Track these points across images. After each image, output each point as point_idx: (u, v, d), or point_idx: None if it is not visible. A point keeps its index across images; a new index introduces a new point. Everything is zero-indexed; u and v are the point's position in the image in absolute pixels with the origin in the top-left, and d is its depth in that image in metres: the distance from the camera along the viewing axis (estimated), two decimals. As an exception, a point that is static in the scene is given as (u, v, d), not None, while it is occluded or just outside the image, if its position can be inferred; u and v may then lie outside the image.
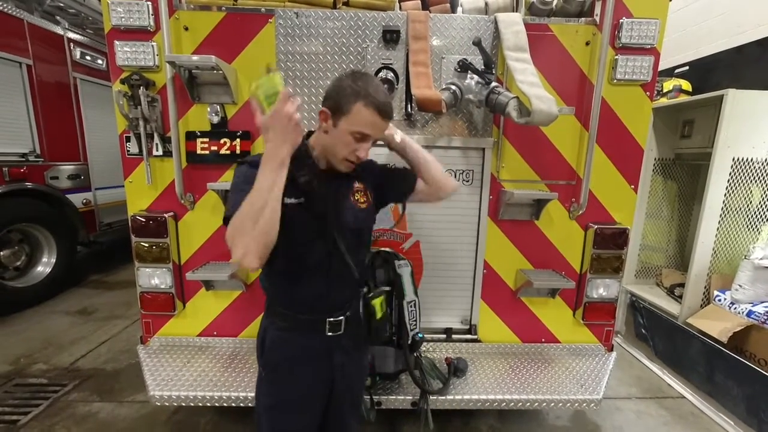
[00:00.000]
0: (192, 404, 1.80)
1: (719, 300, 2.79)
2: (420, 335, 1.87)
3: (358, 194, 1.33)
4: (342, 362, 1.30)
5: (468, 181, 2.09)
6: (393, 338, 1.86)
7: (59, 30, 4.20)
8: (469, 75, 1.91)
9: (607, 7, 1.84)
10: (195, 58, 1.77)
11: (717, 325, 2.62)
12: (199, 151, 1.97)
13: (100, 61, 4.69)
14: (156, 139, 1.95)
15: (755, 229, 2.84)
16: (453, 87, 1.88)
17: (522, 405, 1.87)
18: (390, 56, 1.94)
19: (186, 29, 1.88)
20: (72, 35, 4.35)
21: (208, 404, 1.80)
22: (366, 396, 1.81)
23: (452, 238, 2.15)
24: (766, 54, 3.29)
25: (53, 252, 4.18)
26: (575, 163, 2.07)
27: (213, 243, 2.07)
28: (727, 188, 2.73)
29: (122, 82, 1.88)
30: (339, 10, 1.94)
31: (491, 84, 1.80)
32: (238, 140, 1.97)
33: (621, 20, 1.88)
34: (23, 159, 3.80)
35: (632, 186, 2.09)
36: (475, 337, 2.23)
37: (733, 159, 2.69)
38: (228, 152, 1.97)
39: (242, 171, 1.16)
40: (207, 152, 1.97)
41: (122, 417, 2.41)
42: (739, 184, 2.74)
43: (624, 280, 3.31)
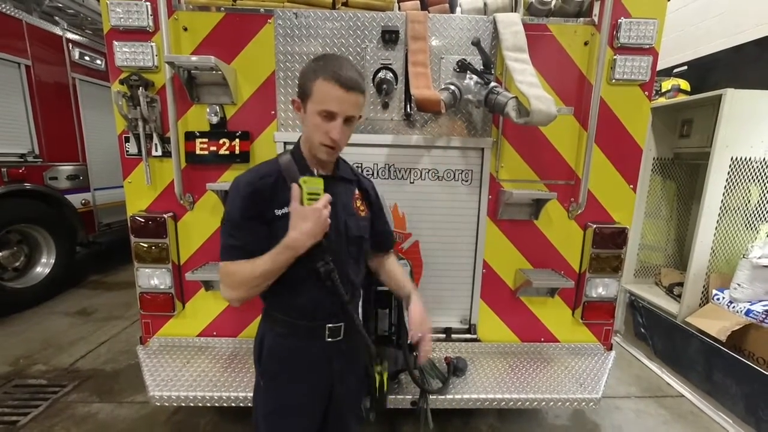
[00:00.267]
0: (192, 404, 1.80)
1: (718, 299, 2.80)
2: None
3: (359, 201, 1.32)
4: (341, 367, 1.29)
5: (467, 181, 2.10)
6: (393, 338, 1.87)
7: (58, 30, 4.19)
8: (468, 75, 1.91)
9: (606, 8, 1.85)
10: (194, 59, 1.77)
11: (716, 324, 2.63)
12: (199, 152, 1.97)
13: (99, 62, 4.68)
14: (155, 140, 1.95)
15: (753, 228, 2.85)
16: (452, 87, 1.88)
17: (521, 404, 1.87)
18: (389, 56, 1.94)
19: (185, 30, 1.88)
20: (71, 36, 4.34)
21: (208, 404, 1.80)
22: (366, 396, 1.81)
23: (451, 238, 2.15)
24: (765, 54, 3.30)
25: (52, 253, 4.18)
26: (574, 163, 2.07)
27: (212, 243, 2.07)
28: (726, 187, 2.74)
29: (121, 83, 1.88)
30: (338, 11, 1.94)
31: (490, 84, 1.80)
32: (237, 141, 1.97)
33: (619, 20, 1.89)
34: (22, 160, 3.80)
35: (631, 185, 2.09)
36: (475, 337, 2.23)
37: (732, 158, 2.70)
38: (227, 152, 1.97)
39: (236, 199, 1.14)
40: (206, 152, 1.97)
41: (122, 417, 2.41)
42: (738, 184, 2.75)
43: (623, 280, 3.32)
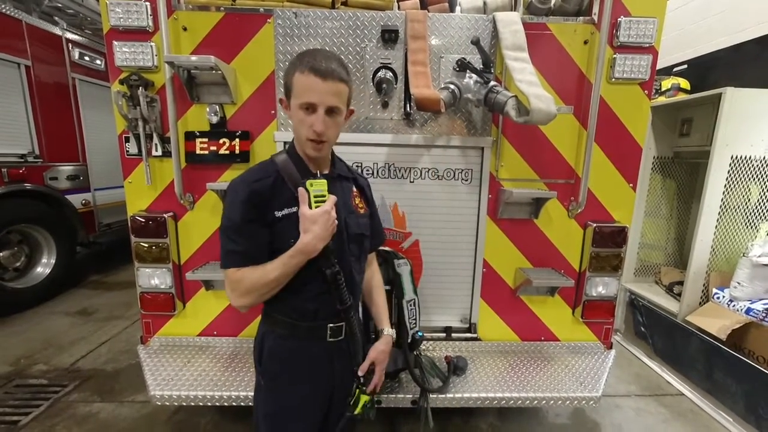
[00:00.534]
0: (192, 404, 1.81)
1: (718, 297, 2.80)
2: (420, 334, 1.89)
3: (357, 199, 1.32)
4: (342, 367, 1.29)
5: (467, 180, 2.10)
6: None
7: (57, 30, 4.19)
8: (468, 74, 1.91)
9: (606, 6, 1.84)
10: (194, 59, 1.77)
11: (716, 323, 2.63)
12: (199, 151, 1.97)
13: (99, 62, 4.68)
14: (155, 140, 1.95)
15: (753, 227, 2.85)
16: (452, 86, 1.88)
17: (522, 403, 1.87)
18: (389, 56, 1.94)
19: (185, 29, 1.88)
20: (70, 36, 4.34)
21: (209, 404, 1.81)
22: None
23: (451, 237, 2.15)
24: (765, 52, 3.29)
25: (53, 253, 4.18)
26: (574, 162, 2.07)
27: (213, 243, 2.07)
28: (726, 186, 2.74)
29: (121, 83, 1.88)
30: (337, 10, 1.94)
31: (490, 83, 1.80)
32: (237, 140, 1.97)
33: (619, 19, 1.89)
34: (22, 160, 3.80)
35: (631, 184, 2.09)
36: (475, 336, 2.23)
37: (732, 157, 2.70)
38: (227, 152, 1.97)
39: (234, 203, 1.12)
40: (206, 152, 1.97)
41: (123, 417, 2.42)
42: (738, 182, 2.75)
43: (623, 278, 3.33)
